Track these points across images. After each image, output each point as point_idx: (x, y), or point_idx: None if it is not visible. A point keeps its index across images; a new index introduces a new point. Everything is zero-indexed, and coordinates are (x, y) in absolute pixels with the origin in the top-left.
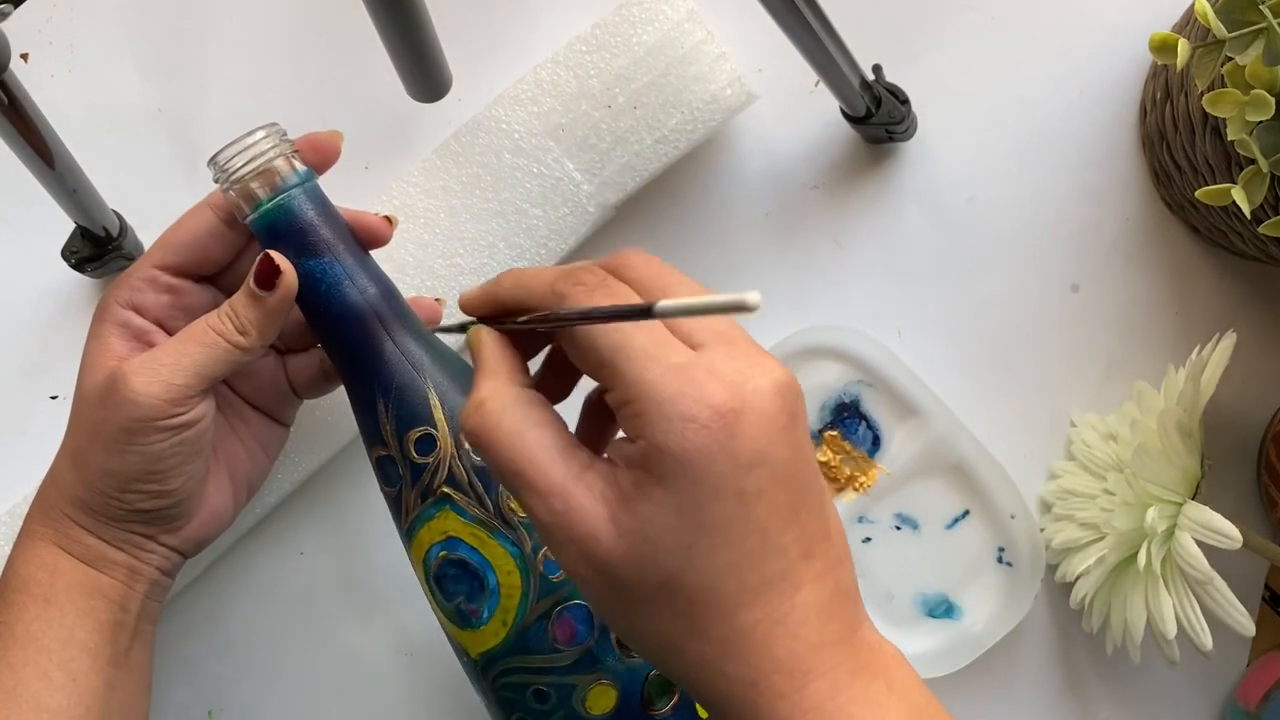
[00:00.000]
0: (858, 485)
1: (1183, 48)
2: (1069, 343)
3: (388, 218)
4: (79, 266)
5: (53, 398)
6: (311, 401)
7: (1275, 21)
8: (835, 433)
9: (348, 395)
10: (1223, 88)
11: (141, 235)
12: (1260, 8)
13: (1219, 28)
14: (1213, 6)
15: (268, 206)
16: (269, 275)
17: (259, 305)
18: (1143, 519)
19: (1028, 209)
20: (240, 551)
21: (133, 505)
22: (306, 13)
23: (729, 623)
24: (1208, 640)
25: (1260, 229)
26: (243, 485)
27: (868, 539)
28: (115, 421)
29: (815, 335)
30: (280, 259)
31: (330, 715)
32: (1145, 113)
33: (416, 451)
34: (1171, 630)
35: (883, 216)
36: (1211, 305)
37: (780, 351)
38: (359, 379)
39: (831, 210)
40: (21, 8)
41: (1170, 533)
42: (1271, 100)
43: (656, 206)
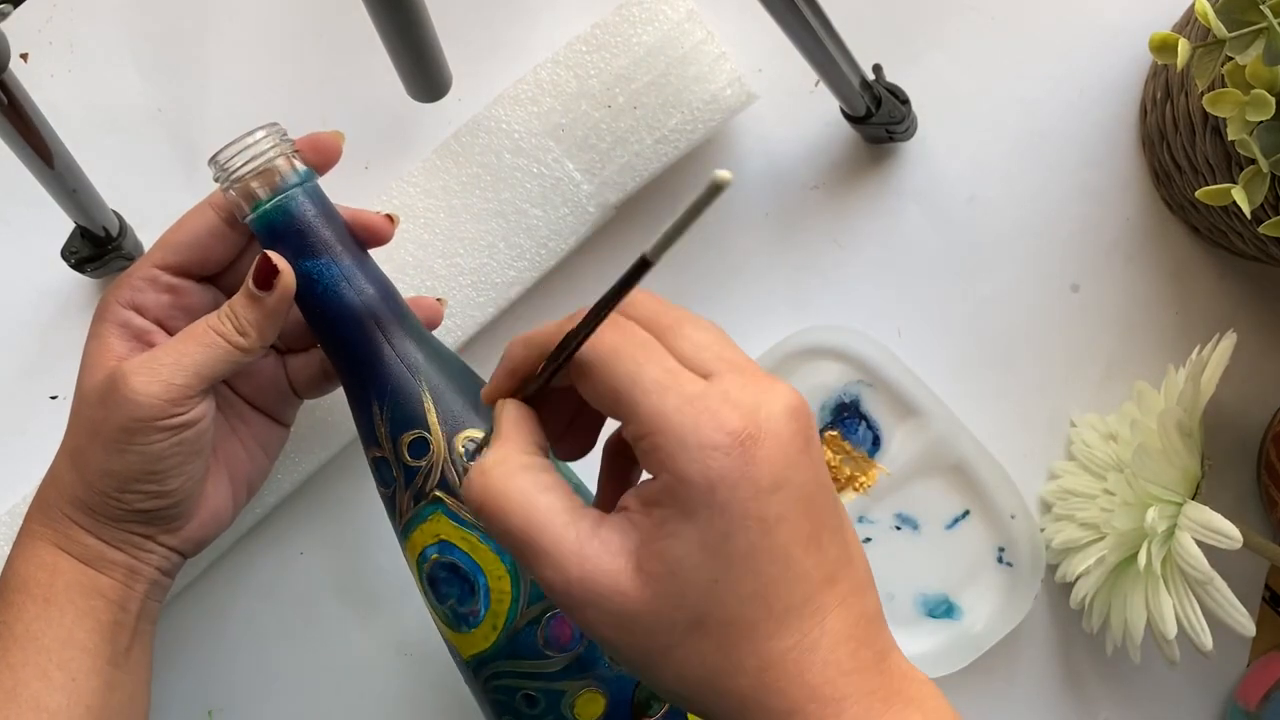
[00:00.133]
0: (858, 485)
1: (1183, 48)
2: (1069, 343)
3: (389, 216)
4: (79, 266)
5: (53, 398)
6: (311, 401)
7: (1275, 21)
8: (835, 433)
9: (346, 396)
10: (1223, 88)
11: (141, 235)
12: (1260, 8)
13: (1219, 28)
14: (1213, 6)
15: (267, 206)
16: (267, 275)
17: (258, 305)
18: (1143, 519)
19: (1028, 209)
20: (240, 551)
21: (132, 505)
22: (306, 13)
23: (760, 653)
24: (1208, 640)
25: (1260, 229)
26: (243, 485)
27: (868, 539)
28: (115, 421)
29: (815, 335)
30: (278, 259)
31: (330, 715)
32: (1145, 113)
33: (410, 454)
34: (1171, 630)
35: (883, 216)
36: (1211, 305)
37: (780, 351)
38: (355, 380)
39: (831, 210)
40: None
41: (1170, 533)
42: (1271, 100)
43: (656, 206)
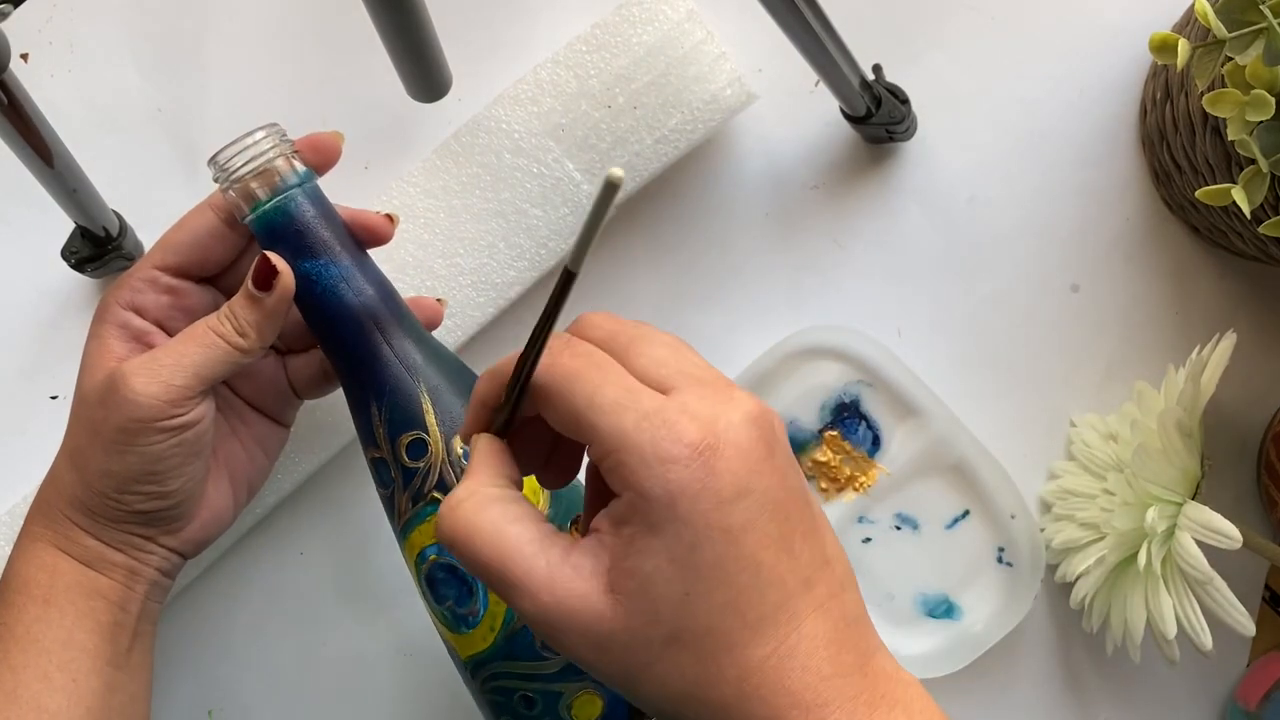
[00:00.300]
0: (858, 485)
1: (1183, 48)
2: (1069, 343)
3: (389, 216)
4: (79, 266)
5: (53, 398)
6: (311, 402)
7: (1275, 21)
8: (835, 433)
9: (345, 397)
10: (1223, 88)
11: (141, 235)
12: (1260, 8)
13: (1219, 28)
14: (1213, 6)
15: (266, 207)
16: (266, 276)
17: (257, 306)
18: (1143, 519)
19: (1028, 209)
20: (240, 551)
21: (131, 506)
22: (306, 13)
23: (738, 662)
24: (1208, 640)
25: (1260, 229)
26: (243, 486)
27: (868, 539)
28: (114, 422)
29: (815, 335)
30: (277, 260)
31: (330, 715)
32: (1145, 113)
33: (408, 455)
34: (1171, 630)
35: (883, 216)
36: (1211, 305)
37: (780, 351)
38: (354, 381)
39: (831, 210)
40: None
41: (1170, 533)
42: (1271, 100)
43: (656, 206)
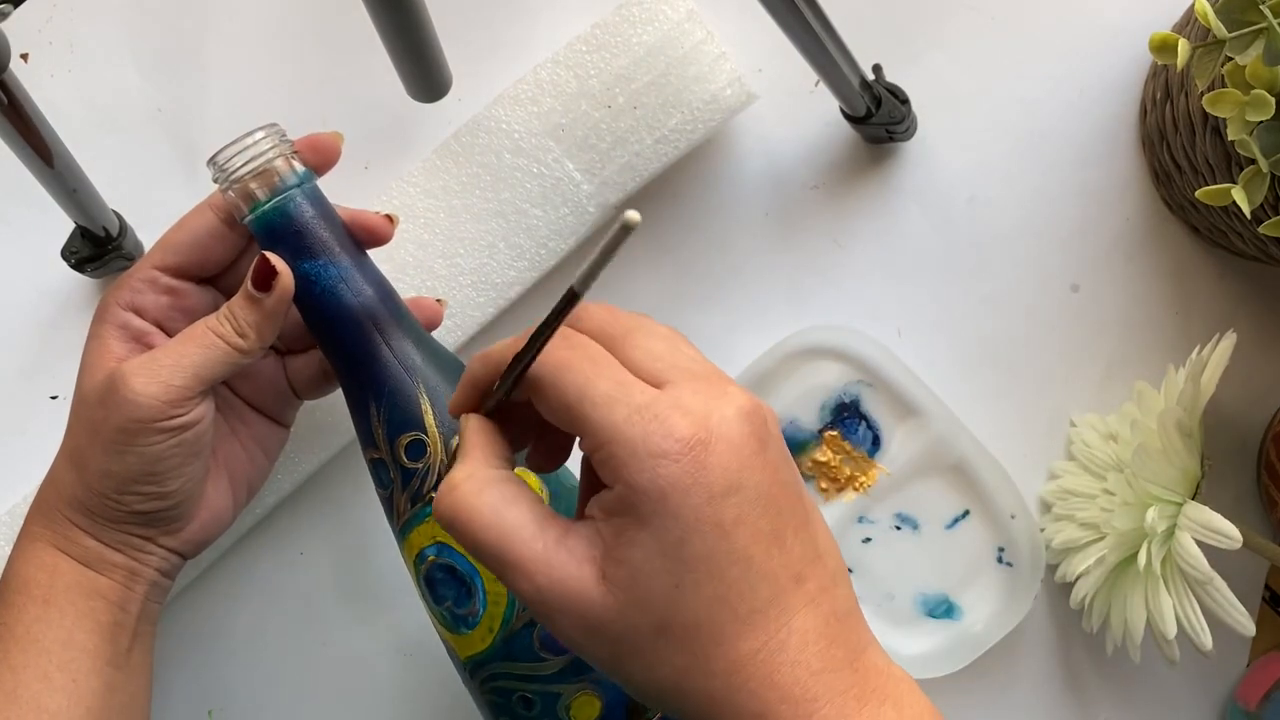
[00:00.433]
0: (858, 485)
1: (1183, 48)
2: (1069, 343)
3: (388, 216)
4: (79, 266)
5: (53, 398)
6: (311, 402)
7: (1275, 21)
8: (835, 433)
9: (344, 397)
10: (1223, 88)
11: (141, 235)
12: (1260, 8)
13: (1219, 28)
14: (1213, 6)
15: (266, 207)
16: (265, 277)
17: (256, 307)
18: (1143, 519)
19: (1028, 209)
20: (240, 552)
21: (131, 507)
22: (306, 13)
23: (728, 655)
24: (1208, 640)
25: (1260, 229)
26: (242, 487)
27: (868, 539)
28: (114, 422)
29: (815, 335)
30: (277, 260)
31: (330, 715)
32: (1145, 113)
33: (407, 456)
34: (1171, 630)
35: (883, 216)
36: (1211, 305)
37: (780, 351)
38: (353, 382)
39: (831, 210)
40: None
41: (1170, 533)
42: (1271, 100)
43: (656, 206)
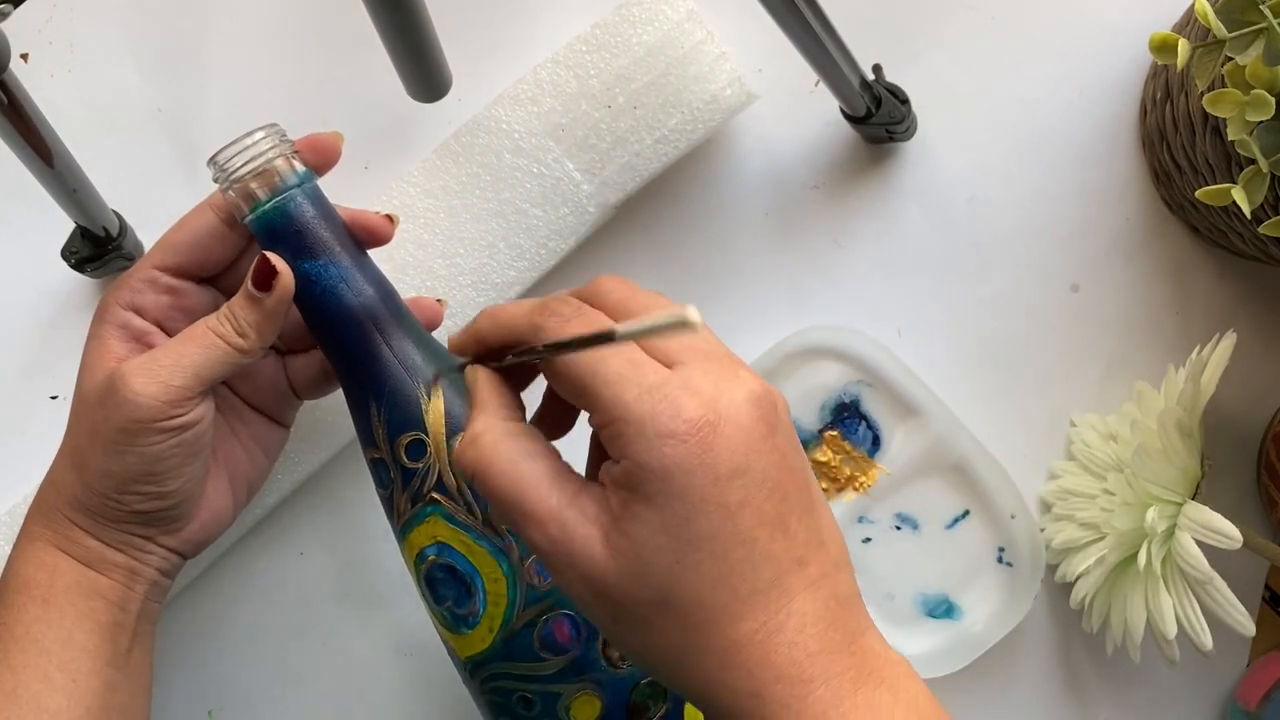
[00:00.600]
0: (858, 485)
1: (1183, 48)
2: (1069, 343)
3: (389, 216)
4: (79, 266)
5: (53, 398)
6: (311, 402)
7: (1275, 21)
8: (835, 433)
9: (344, 397)
10: (1223, 88)
11: (141, 235)
12: (1260, 8)
13: (1219, 28)
14: (1213, 6)
15: (266, 207)
16: (266, 276)
17: (257, 307)
18: (1143, 519)
19: (1028, 209)
20: (240, 552)
21: (131, 507)
22: (306, 13)
23: (726, 634)
24: (1208, 640)
25: (1260, 229)
26: (242, 486)
27: (868, 539)
28: (114, 422)
29: (815, 335)
30: (277, 260)
31: (330, 715)
32: (1145, 113)
33: (407, 456)
34: (1171, 630)
35: (883, 216)
36: (1211, 305)
37: (780, 351)
38: (354, 381)
39: (831, 210)
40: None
41: (1170, 533)
42: (1271, 100)
43: (656, 206)
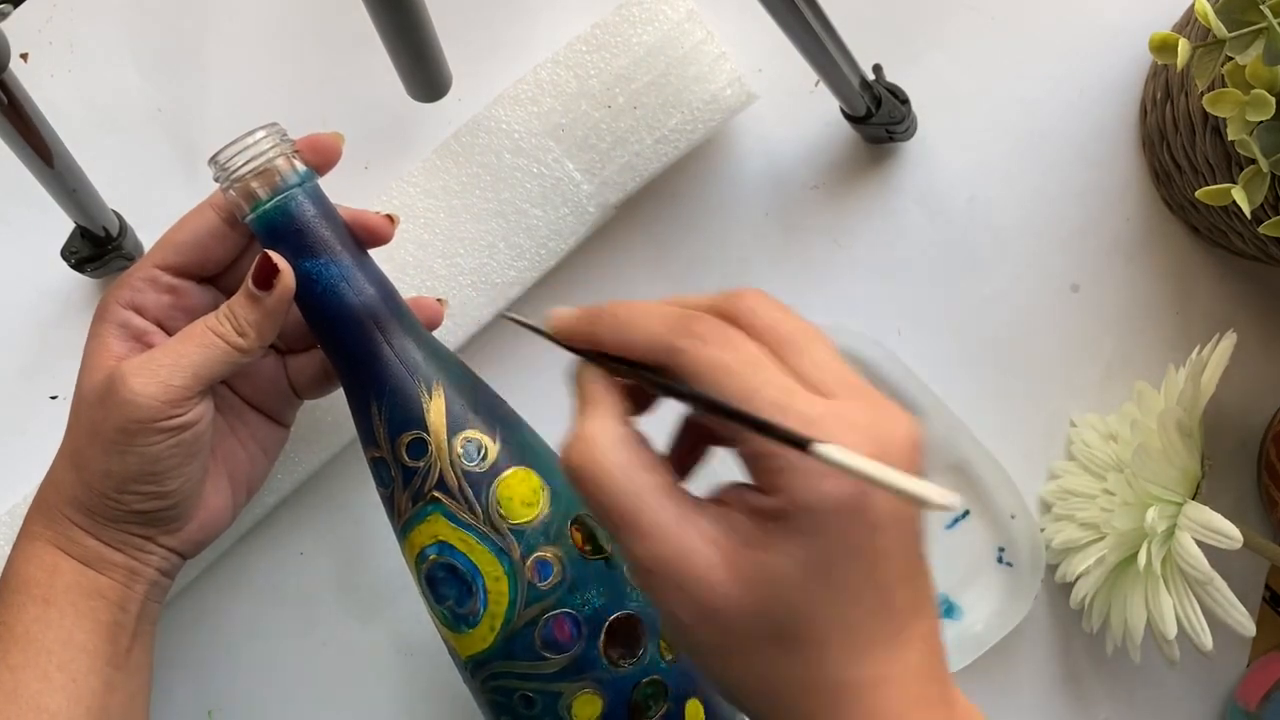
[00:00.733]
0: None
1: (1183, 48)
2: (1069, 343)
3: (389, 216)
4: (79, 266)
5: (53, 398)
6: (311, 402)
7: (1275, 21)
8: None
9: (345, 396)
10: (1223, 88)
11: (141, 235)
12: (1260, 8)
13: (1219, 28)
14: (1213, 6)
15: (267, 206)
16: (267, 275)
17: (257, 305)
18: (1143, 519)
19: (1028, 209)
20: (240, 552)
21: (130, 506)
22: (306, 13)
23: (839, 676)
24: (1208, 640)
25: (1260, 229)
26: (242, 486)
27: None
28: (113, 422)
29: None
30: (278, 259)
31: (330, 715)
32: (1145, 113)
33: (408, 455)
34: (1171, 630)
35: (883, 216)
36: (1211, 305)
37: None
38: (354, 380)
39: (831, 210)
40: (21, 8)
41: (1170, 533)
42: (1271, 100)
43: (656, 206)
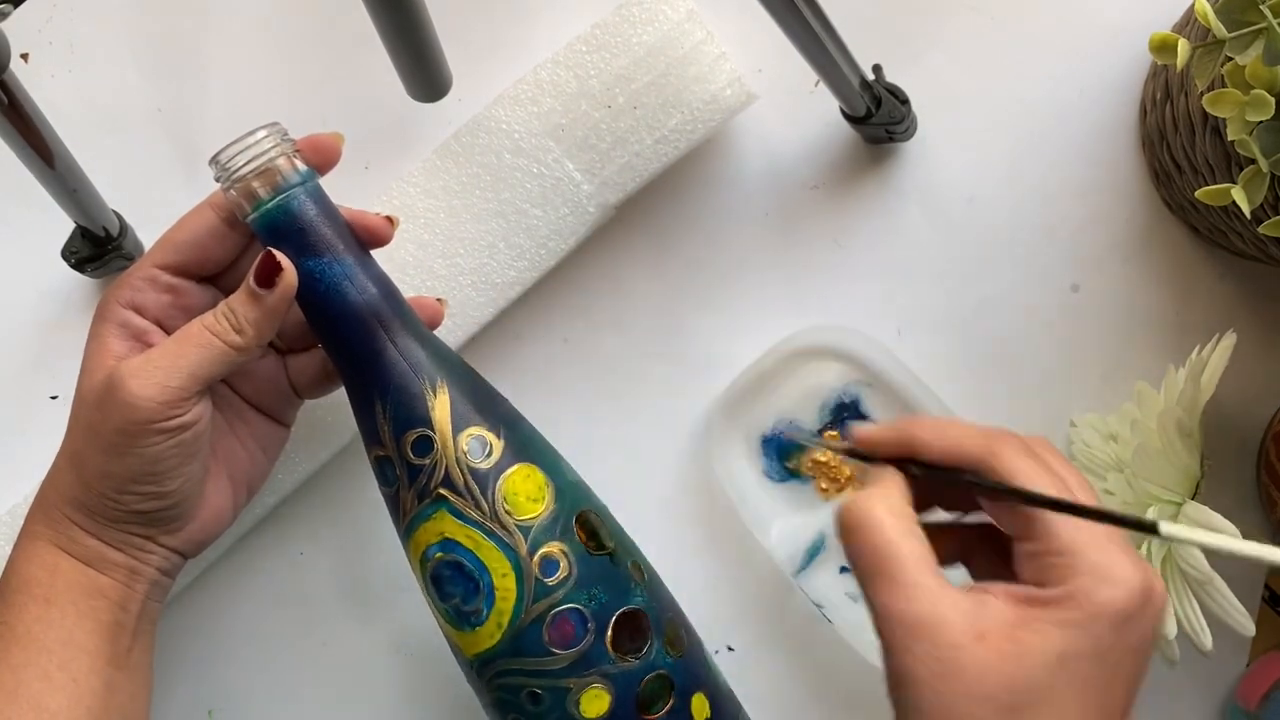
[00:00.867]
0: (858, 485)
1: (1183, 48)
2: (1069, 343)
3: (389, 217)
4: (79, 266)
5: (53, 398)
6: (311, 401)
7: (1275, 21)
8: (835, 433)
9: (347, 395)
10: (1223, 88)
11: (141, 235)
12: (1260, 8)
13: (1219, 28)
14: (1213, 6)
15: (269, 205)
16: (270, 273)
17: (258, 303)
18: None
19: (1028, 209)
20: (240, 552)
21: (130, 507)
22: (306, 13)
23: None
24: (1208, 640)
25: (1260, 229)
26: (242, 486)
27: None
28: (112, 424)
29: (815, 335)
30: (281, 257)
31: (330, 715)
32: (1145, 113)
33: (413, 453)
34: (1171, 630)
35: (883, 216)
36: (1211, 305)
37: (780, 351)
38: (358, 379)
39: (831, 210)
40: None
41: None
42: (1271, 100)
43: (656, 206)
